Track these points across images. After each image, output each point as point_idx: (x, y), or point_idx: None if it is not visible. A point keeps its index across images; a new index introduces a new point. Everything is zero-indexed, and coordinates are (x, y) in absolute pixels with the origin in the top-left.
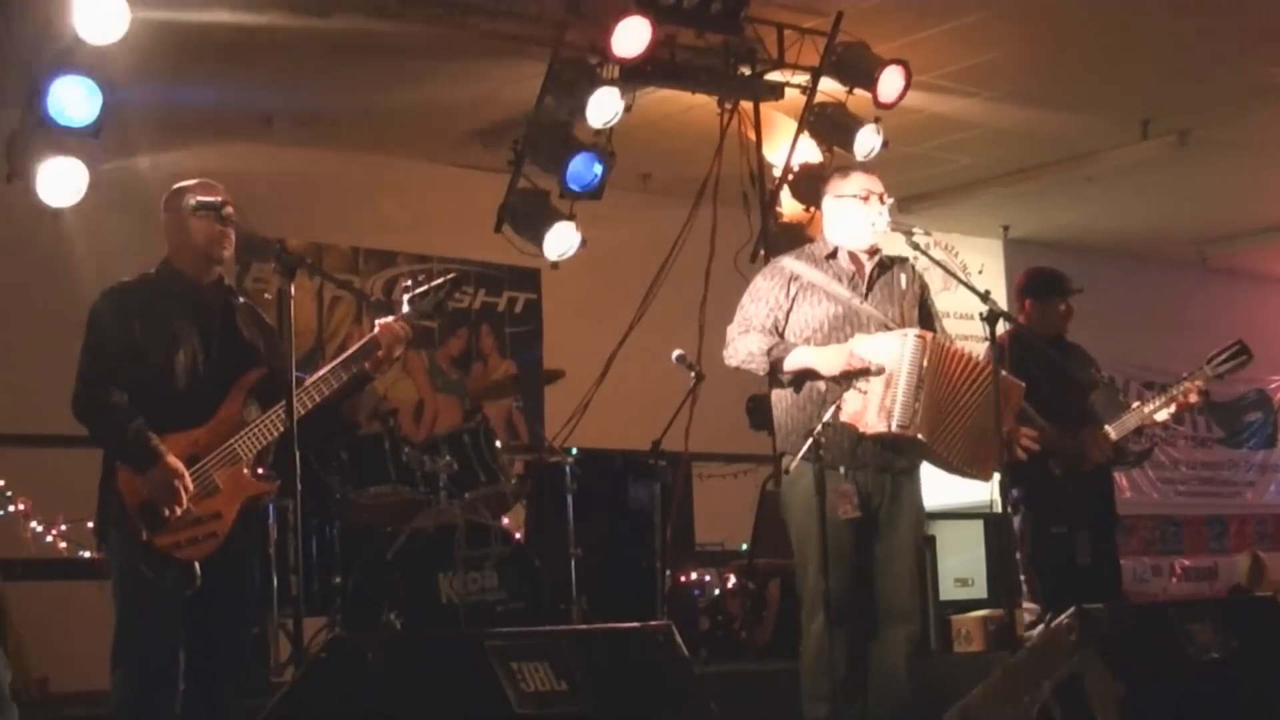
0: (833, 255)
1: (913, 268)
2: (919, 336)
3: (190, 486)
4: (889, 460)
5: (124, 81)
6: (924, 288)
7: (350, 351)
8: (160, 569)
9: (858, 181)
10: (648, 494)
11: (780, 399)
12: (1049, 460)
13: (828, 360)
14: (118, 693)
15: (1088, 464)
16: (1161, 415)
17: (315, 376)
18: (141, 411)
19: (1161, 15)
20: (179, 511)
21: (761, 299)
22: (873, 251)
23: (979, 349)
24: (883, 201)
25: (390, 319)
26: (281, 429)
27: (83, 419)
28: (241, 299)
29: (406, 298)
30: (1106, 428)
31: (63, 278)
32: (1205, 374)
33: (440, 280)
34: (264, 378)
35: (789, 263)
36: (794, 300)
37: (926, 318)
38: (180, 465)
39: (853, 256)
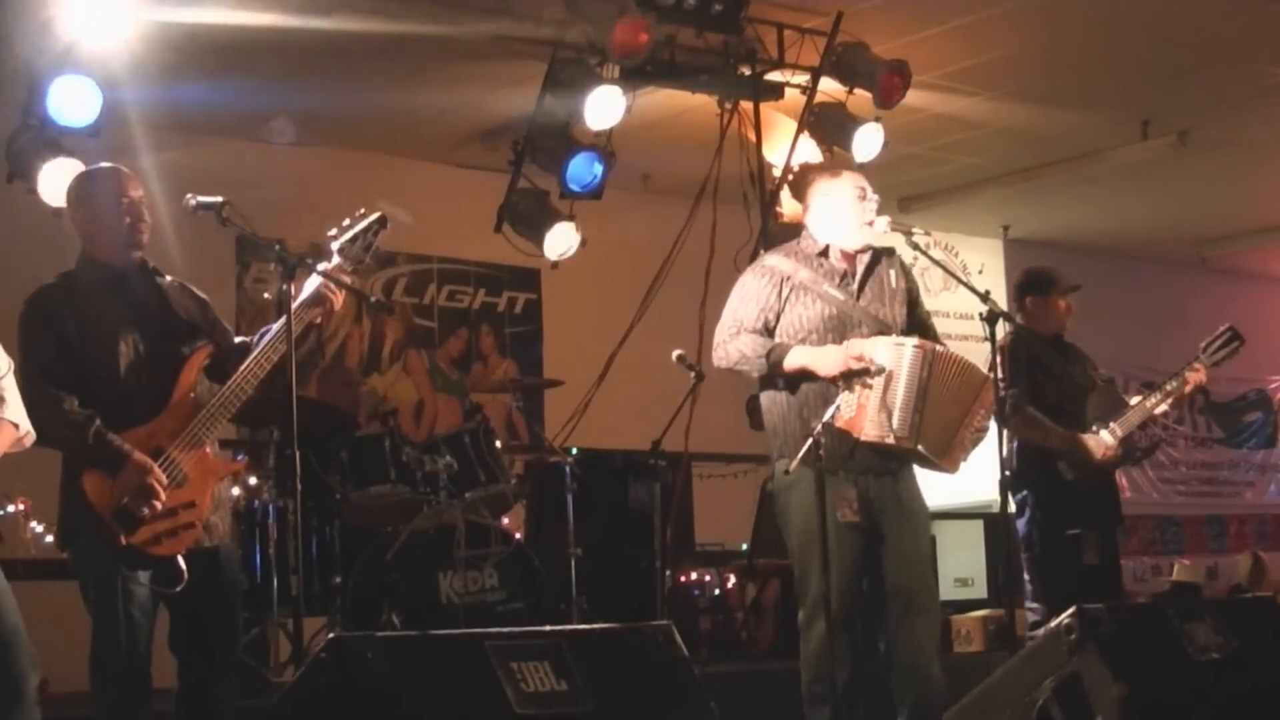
0: (824, 254)
1: (900, 261)
2: (917, 347)
3: (164, 480)
4: (883, 463)
5: (124, 81)
6: (912, 283)
7: (295, 306)
8: (142, 569)
9: (850, 180)
10: (648, 494)
11: (773, 403)
12: (1059, 463)
13: (826, 360)
14: (101, 700)
15: (1096, 465)
16: (1162, 408)
17: (264, 343)
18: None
19: (1161, 15)
20: (159, 507)
21: (752, 299)
22: (864, 249)
23: (975, 353)
24: (869, 196)
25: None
26: (239, 401)
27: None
28: (169, 276)
29: (335, 247)
30: (1112, 424)
31: None
32: (1203, 363)
33: (366, 221)
34: (211, 354)
35: (778, 261)
36: (786, 301)
37: (915, 316)
38: (149, 460)
39: (844, 254)
